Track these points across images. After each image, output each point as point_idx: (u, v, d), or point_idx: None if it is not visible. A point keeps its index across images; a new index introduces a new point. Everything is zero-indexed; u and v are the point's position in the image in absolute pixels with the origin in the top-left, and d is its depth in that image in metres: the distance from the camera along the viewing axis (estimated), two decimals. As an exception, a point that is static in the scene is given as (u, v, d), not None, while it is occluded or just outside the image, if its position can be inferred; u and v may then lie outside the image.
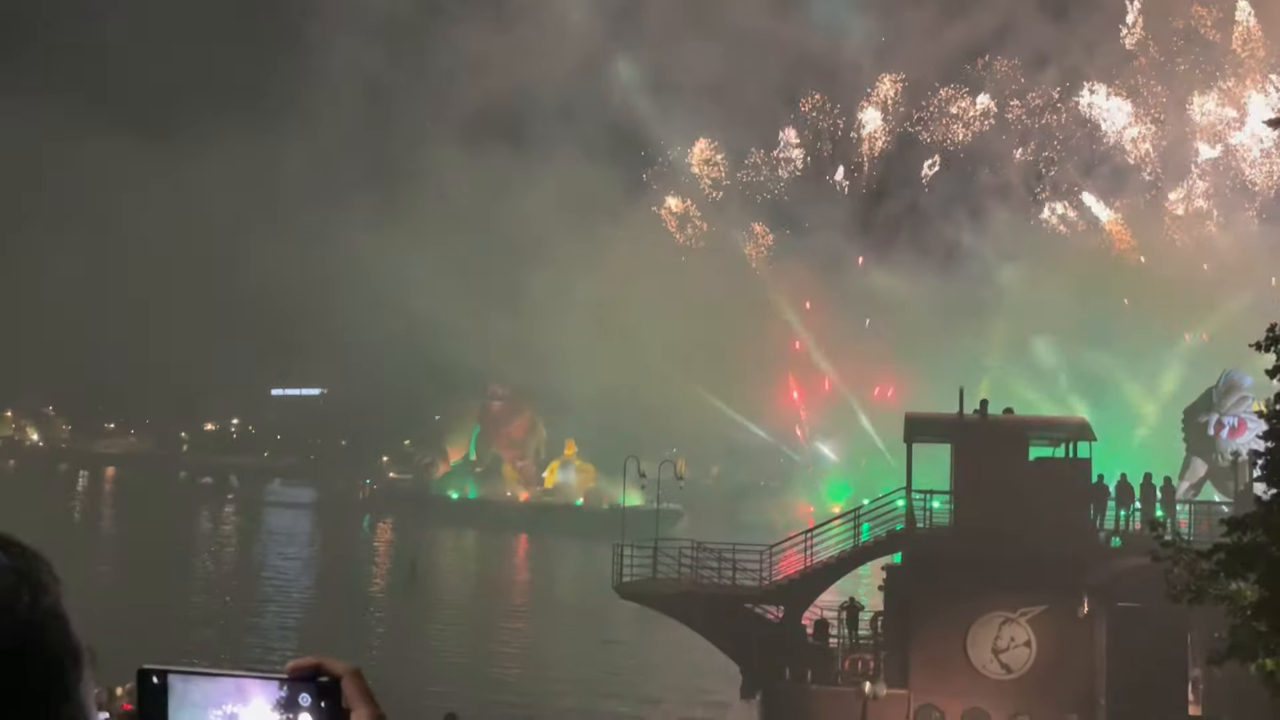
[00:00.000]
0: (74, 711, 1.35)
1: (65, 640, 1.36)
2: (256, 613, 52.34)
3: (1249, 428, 37.43)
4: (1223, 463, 37.91)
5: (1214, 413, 37.94)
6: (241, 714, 1.44)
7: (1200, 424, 38.27)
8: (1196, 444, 38.72)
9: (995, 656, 30.25)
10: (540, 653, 45.59)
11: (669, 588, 33.18)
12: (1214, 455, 38.21)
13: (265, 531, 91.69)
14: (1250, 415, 37.76)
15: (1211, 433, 37.99)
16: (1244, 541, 14.20)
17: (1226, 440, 37.80)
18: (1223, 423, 37.71)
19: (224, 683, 1.44)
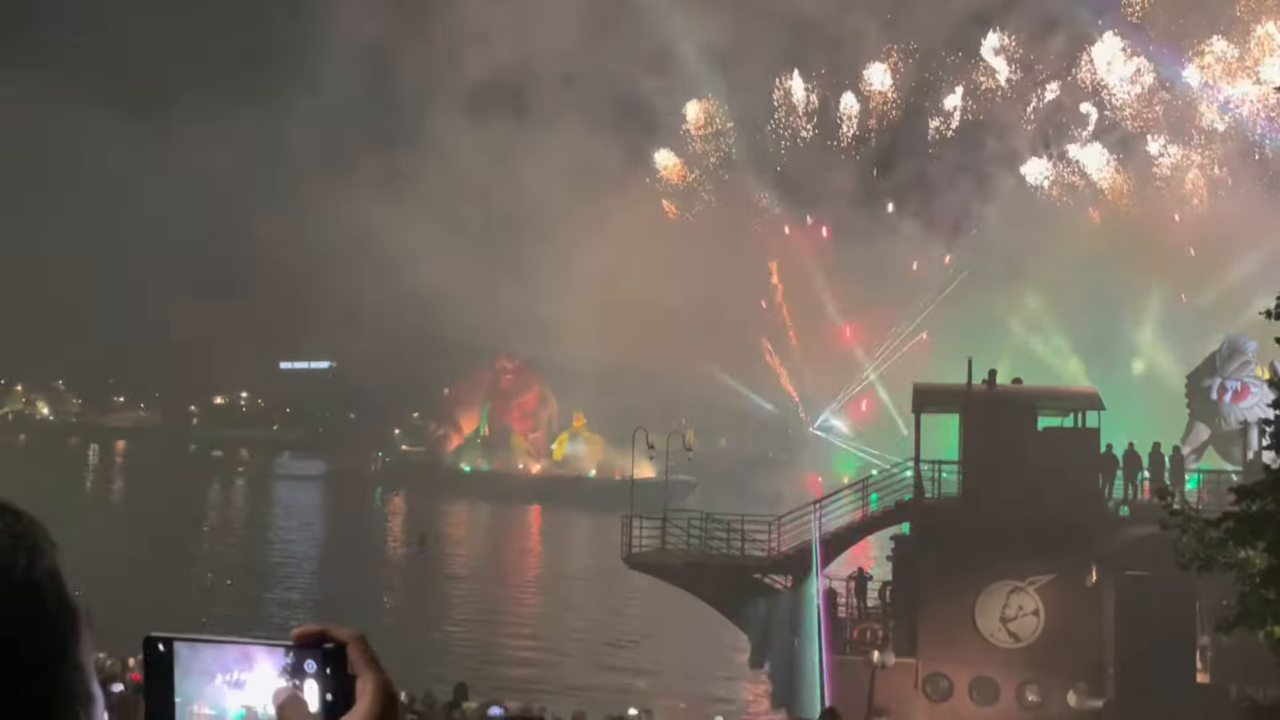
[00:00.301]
0: (73, 671, 1.36)
1: (63, 601, 1.37)
2: (267, 585, 52.68)
3: (1252, 392, 37.40)
4: (1225, 427, 37.88)
5: (1217, 377, 37.83)
6: (247, 681, 1.44)
7: (1203, 388, 38.20)
8: (1199, 409, 38.68)
9: (1003, 625, 30.36)
10: (550, 624, 45.85)
11: (678, 558, 33.32)
12: (1217, 420, 38.14)
13: (276, 504, 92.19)
14: (1254, 380, 37.70)
15: (1215, 397, 37.88)
16: (1253, 509, 14.20)
17: (1229, 405, 37.72)
18: (1225, 387, 37.60)
19: (230, 650, 1.44)
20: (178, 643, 1.45)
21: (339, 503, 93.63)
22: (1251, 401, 37.51)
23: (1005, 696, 30.08)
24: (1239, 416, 37.61)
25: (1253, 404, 37.48)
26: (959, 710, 29.93)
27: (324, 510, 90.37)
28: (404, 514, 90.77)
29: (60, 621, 1.36)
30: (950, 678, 30.33)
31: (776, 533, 33.30)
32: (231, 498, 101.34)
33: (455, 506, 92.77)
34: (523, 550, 74.79)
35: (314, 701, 1.42)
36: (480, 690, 25.68)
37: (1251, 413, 37.44)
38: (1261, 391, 37.24)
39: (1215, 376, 37.85)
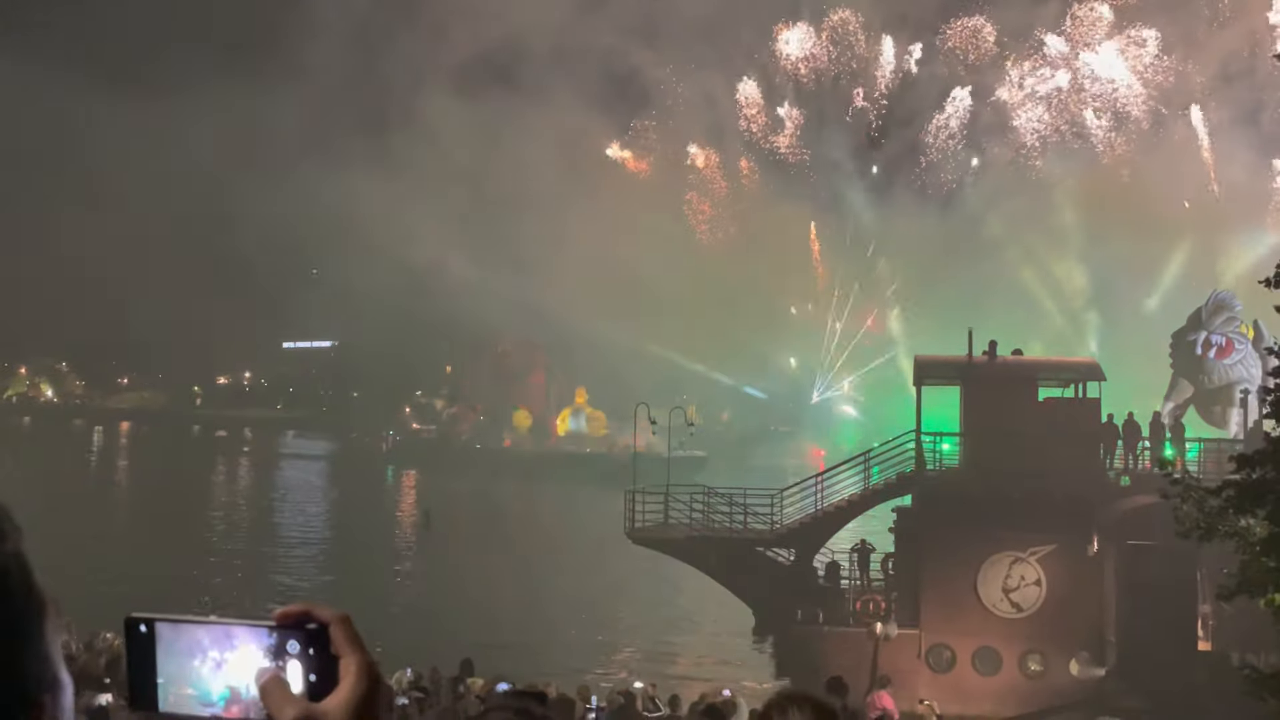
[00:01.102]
0: (38, 654, 1.36)
1: (27, 585, 1.36)
2: (271, 564, 52.81)
3: (1236, 349, 37.47)
4: (1208, 385, 37.93)
5: (1202, 330, 37.82)
6: (229, 661, 1.45)
7: (1188, 343, 38.24)
8: (1182, 365, 38.76)
9: (1006, 595, 30.46)
10: (556, 599, 45.96)
11: (680, 533, 33.41)
12: (1200, 377, 38.17)
13: (280, 484, 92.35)
14: (1238, 336, 37.72)
15: (1199, 352, 37.91)
16: (1253, 478, 14.21)
17: (1213, 360, 37.77)
18: (1211, 341, 37.63)
19: (212, 630, 1.45)
20: (159, 623, 1.46)
21: (345, 481, 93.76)
22: (1235, 359, 37.64)
23: (1008, 666, 30.22)
24: (1222, 374, 37.73)
25: (1236, 361, 37.64)
26: (962, 681, 30.07)
27: (329, 489, 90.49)
28: (414, 492, 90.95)
29: (26, 607, 1.34)
30: (953, 648, 30.46)
31: (779, 506, 33.40)
32: (236, 478, 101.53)
33: (466, 484, 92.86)
34: (530, 526, 74.78)
35: (297, 682, 1.43)
36: (485, 666, 25.79)
37: (1234, 370, 37.63)
38: (1246, 349, 37.46)
39: (1201, 330, 37.88)
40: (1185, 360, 38.69)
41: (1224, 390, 37.77)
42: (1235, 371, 37.76)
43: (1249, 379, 37.26)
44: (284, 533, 62.80)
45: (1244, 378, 37.41)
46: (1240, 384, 37.22)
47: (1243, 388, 36.49)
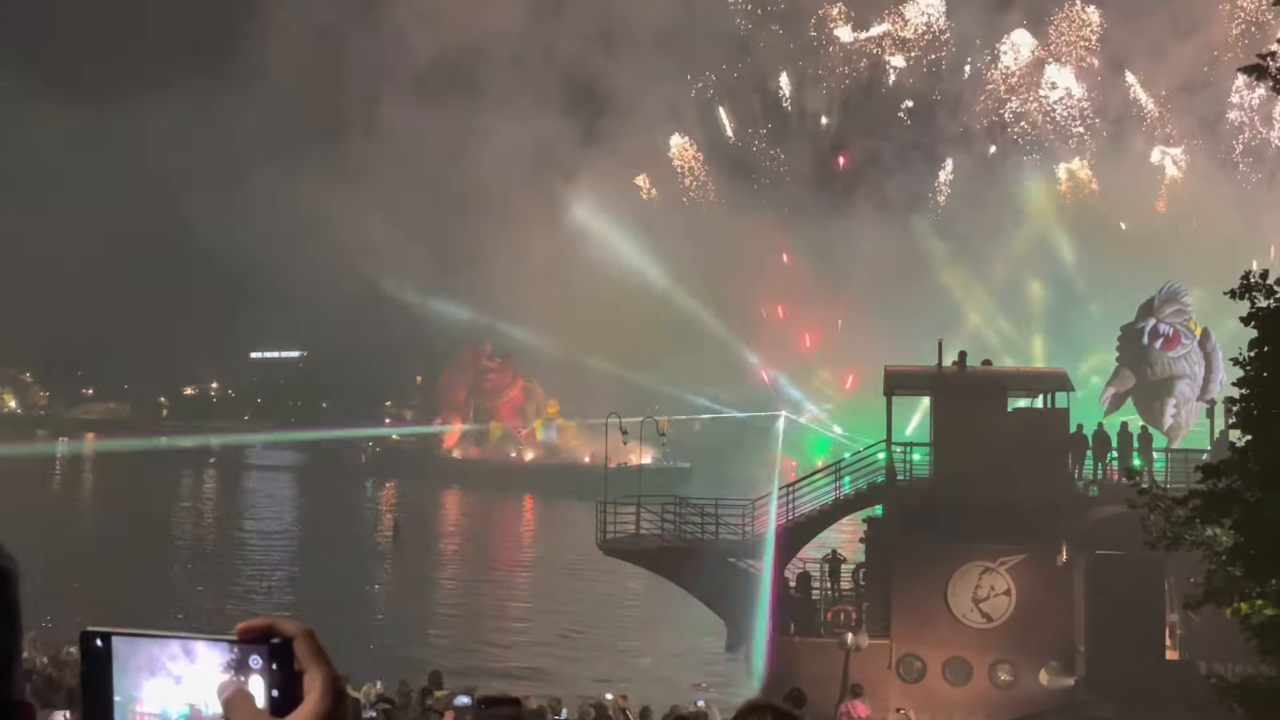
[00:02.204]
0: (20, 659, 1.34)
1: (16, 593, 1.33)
2: (237, 578, 52.33)
3: (1183, 342, 37.96)
4: (1150, 376, 38.37)
5: (1152, 318, 38.28)
6: (189, 677, 1.41)
7: (1136, 331, 38.73)
8: (1128, 354, 39.23)
9: (976, 605, 30.58)
10: (529, 610, 45.84)
11: (652, 543, 33.34)
12: (1144, 367, 38.62)
13: (249, 495, 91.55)
14: (1186, 330, 38.21)
15: (1146, 341, 38.39)
16: (1219, 488, 14.33)
17: (1158, 351, 38.24)
18: (1159, 330, 38.09)
19: (170, 645, 1.40)
20: (116, 637, 1.41)
21: (314, 493, 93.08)
22: (1179, 352, 38.14)
23: (978, 676, 30.32)
24: (1164, 366, 38.17)
25: (1180, 355, 38.14)
26: (932, 691, 30.15)
27: (297, 501, 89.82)
28: (389, 503, 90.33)
29: (17, 615, 1.33)
30: (923, 658, 30.54)
31: (750, 516, 33.41)
32: (203, 489, 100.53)
33: (445, 496, 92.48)
34: (506, 538, 74.65)
35: (260, 697, 1.39)
36: (456, 678, 25.65)
37: (1177, 364, 38.10)
38: (1191, 345, 38.03)
39: (1150, 318, 38.33)
40: (1131, 350, 39.16)
41: (1164, 383, 38.21)
42: (1178, 366, 38.28)
43: (1190, 376, 37.87)
44: (250, 545, 62.26)
45: (1185, 373, 38.00)
46: (1180, 378, 37.77)
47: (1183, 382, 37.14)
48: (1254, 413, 14.01)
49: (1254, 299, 14.21)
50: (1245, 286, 14.31)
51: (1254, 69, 15.34)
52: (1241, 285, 14.18)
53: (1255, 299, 14.21)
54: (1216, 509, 14.31)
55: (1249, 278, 14.32)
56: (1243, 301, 14.26)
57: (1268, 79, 15.30)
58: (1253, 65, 15.37)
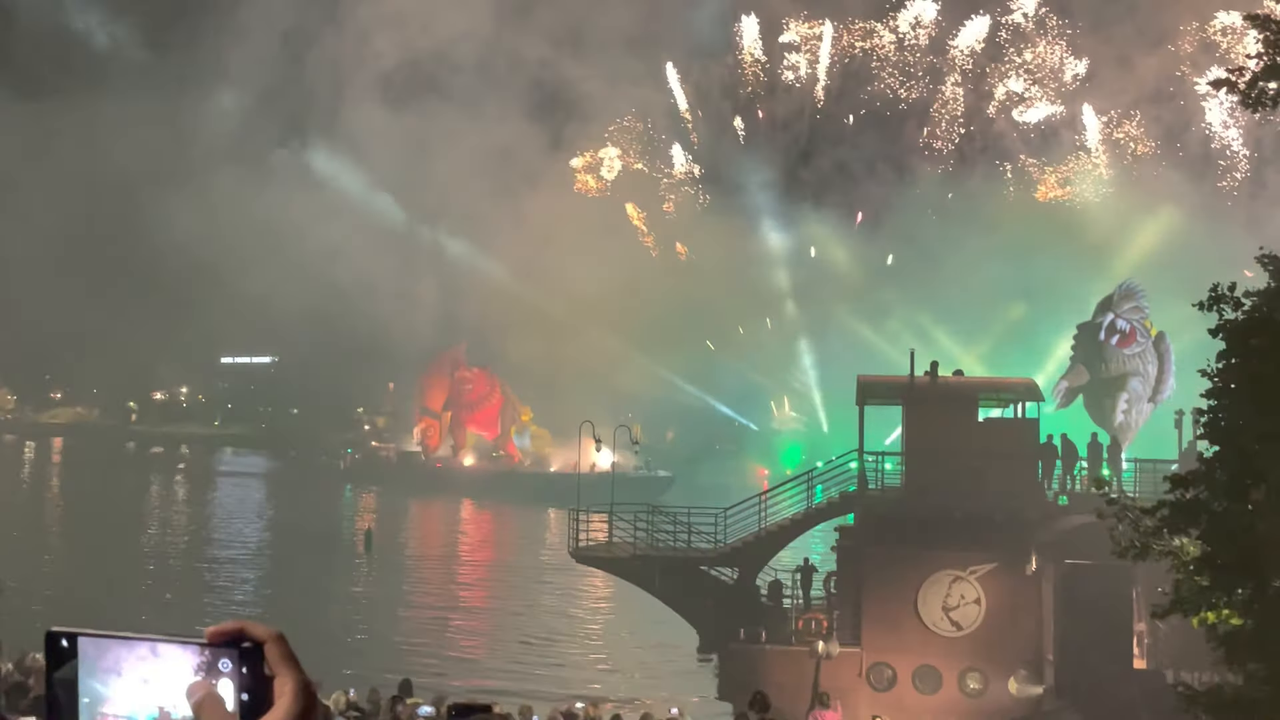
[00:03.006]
0: None
1: None
2: (207, 584, 51.90)
3: (1138, 340, 38.39)
4: (1104, 373, 38.74)
5: (1110, 313, 38.67)
6: (159, 679, 1.39)
7: (1094, 326, 39.16)
8: (1083, 349, 39.65)
9: (946, 614, 30.70)
10: (502, 618, 45.70)
11: (625, 551, 33.33)
12: (1099, 364, 38.99)
13: (218, 502, 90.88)
14: (1142, 328, 38.64)
15: (1103, 337, 38.76)
16: (1187, 498, 14.46)
17: (1114, 348, 38.63)
18: (1116, 326, 38.48)
19: (138, 646, 1.39)
20: (82, 638, 1.39)
21: (284, 500, 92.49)
22: (1135, 350, 38.56)
23: (948, 685, 30.44)
24: (1119, 363, 38.55)
25: (1134, 353, 38.56)
26: (902, 699, 30.24)
27: (268, 508, 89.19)
28: (363, 511, 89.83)
29: None
30: (893, 667, 30.64)
31: (723, 525, 33.45)
32: (172, 495, 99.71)
33: (423, 504, 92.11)
34: (481, 545, 74.46)
35: (229, 701, 1.38)
36: (428, 684, 25.52)
37: (1131, 362, 38.50)
38: (1146, 344, 38.50)
39: (1109, 313, 38.73)
40: (1086, 346, 39.54)
41: (1116, 380, 38.57)
42: (1132, 364, 38.69)
43: (1143, 375, 38.31)
44: (220, 552, 61.76)
45: (1138, 371, 38.41)
46: (1133, 376, 38.17)
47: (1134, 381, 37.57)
48: (1221, 424, 14.15)
49: (1221, 311, 14.36)
50: (1214, 299, 14.46)
51: (1223, 83, 15.51)
52: (1210, 297, 14.33)
53: (1223, 311, 14.37)
54: (1184, 519, 14.44)
55: (1217, 290, 14.47)
56: (1210, 313, 14.44)
57: (1237, 93, 15.46)
58: (1223, 80, 15.55)
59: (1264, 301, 14.15)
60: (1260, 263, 15.02)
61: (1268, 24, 15.11)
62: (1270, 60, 15.09)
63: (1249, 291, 14.68)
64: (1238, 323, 14.10)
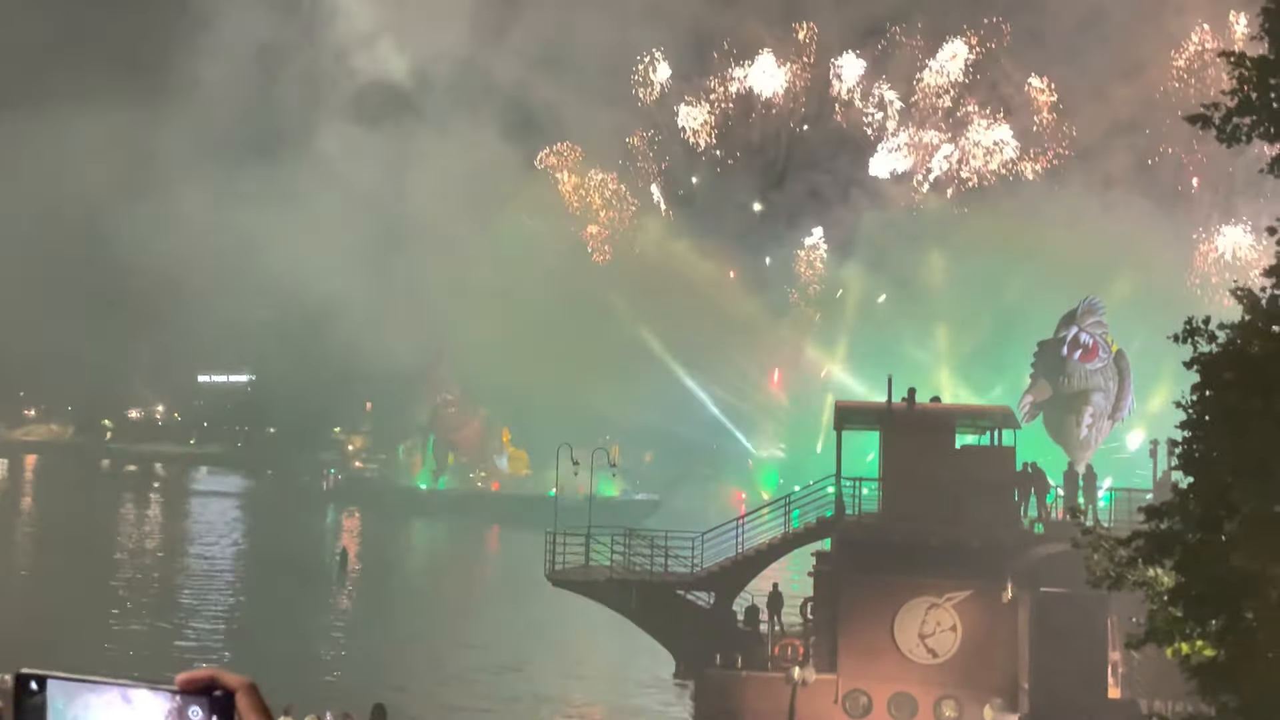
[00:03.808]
0: None
1: None
2: (178, 608, 51.34)
3: (1100, 355, 38.83)
4: (1065, 388, 39.06)
5: (1074, 326, 39.05)
6: None
7: (1056, 341, 39.52)
8: (1045, 363, 40.02)
9: (921, 641, 30.73)
10: (474, 642, 45.42)
11: (601, 575, 33.25)
12: (1060, 379, 39.29)
13: (193, 522, 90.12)
14: (1104, 343, 39.05)
15: (1065, 352, 39.11)
16: (1162, 529, 14.54)
17: (1076, 362, 38.97)
18: (1079, 340, 38.89)
19: (109, 692, 1.39)
20: (52, 681, 1.39)
21: (260, 520, 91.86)
22: (1096, 365, 39.03)
23: (923, 712, 30.44)
24: (1081, 378, 38.94)
25: (1096, 368, 39.00)
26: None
27: (243, 529, 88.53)
28: (345, 532, 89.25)
29: None
30: (869, 694, 30.62)
31: (700, 549, 33.41)
32: (146, 515, 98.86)
33: (407, 526, 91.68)
34: (460, 568, 74.12)
35: None
36: (401, 710, 25.39)
37: (1093, 378, 38.91)
38: (1108, 360, 38.94)
39: (1073, 326, 39.10)
40: (1048, 361, 39.87)
41: (1079, 395, 38.88)
42: (1094, 379, 39.09)
43: (1105, 390, 38.71)
44: (193, 574, 61.17)
45: (1100, 386, 38.83)
46: (1095, 391, 38.54)
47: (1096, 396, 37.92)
48: (1195, 455, 14.24)
49: (1196, 344, 14.48)
50: (1189, 331, 14.57)
51: (1199, 118, 15.68)
52: (1185, 330, 14.45)
53: (1197, 344, 14.48)
54: (1158, 550, 14.50)
55: (1192, 322, 14.59)
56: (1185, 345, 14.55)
57: (1212, 128, 15.63)
58: (1197, 115, 15.71)
59: (1237, 335, 14.27)
60: (1234, 296, 15.13)
61: (1242, 60, 15.30)
62: (1244, 96, 15.28)
63: (1223, 324, 14.81)
64: (1212, 355, 14.21)
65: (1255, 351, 13.89)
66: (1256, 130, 15.16)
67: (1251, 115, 15.10)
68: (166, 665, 32.89)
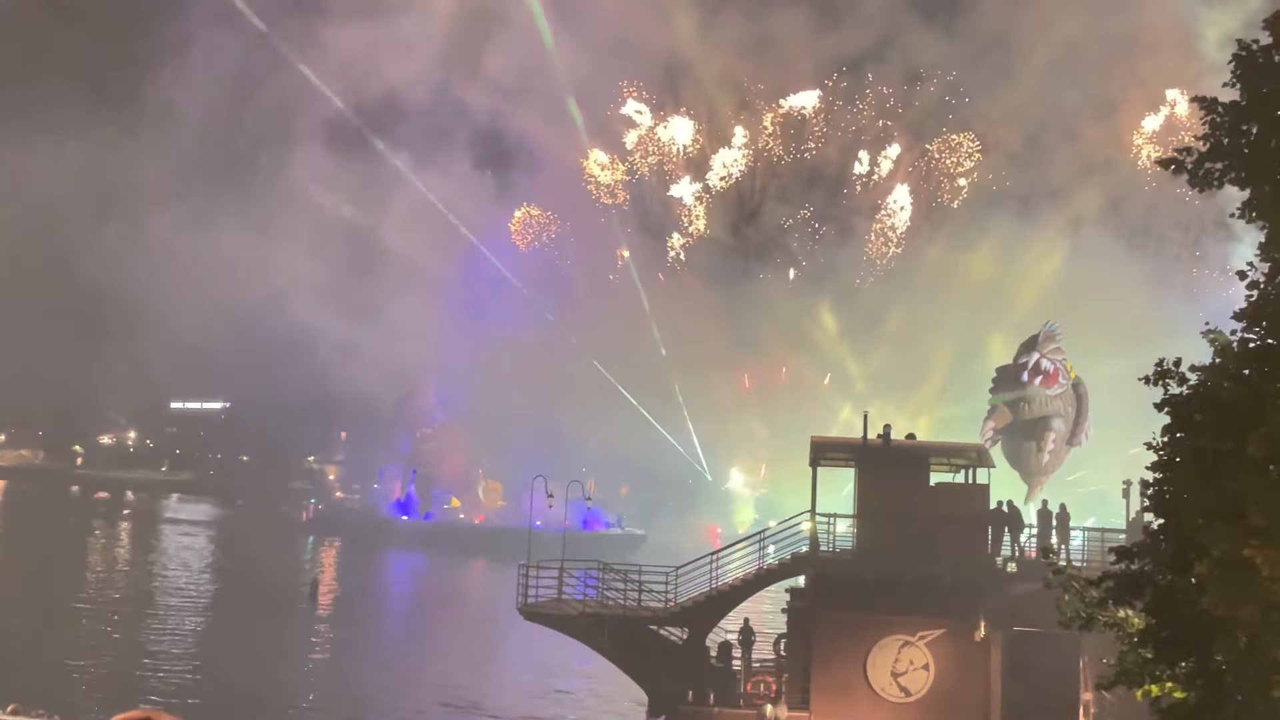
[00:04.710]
0: None
1: None
2: (139, 639, 50.61)
3: (1060, 381, 39.23)
4: (1025, 414, 39.29)
5: (1035, 352, 39.42)
6: None
7: (1017, 367, 39.85)
8: (1004, 391, 40.34)
9: (894, 679, 30.65)
10: (444, 675, 45.00)
11: (574, 609, 33.04)
12: (1020, 404, 39.57)
13: (161, 552, 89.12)
14: (1063, 369, 39.46)
15: (1025, 378, 39.39)
16: (1132, 570, 14.58)
17: (1037, 388, 39.27)
18: (1040, 366, 39.25)
19: None
20: None
21: (230, 550, 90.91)
22: (1056, 390, 39.41)
23: (895, 751, 30.29)
24: (1041, 403, 39.30)
25: (1056, 394, 39.39)
26: (850, 764, 30.06)
27: (213, 559, 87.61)
28: (321, 562, 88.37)
29: None
30: (842, 732, 30.47)
31: (674, 584, 33.26)
32: (115, 543, 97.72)
33: (386, 558, 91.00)
34: (437, 601, 73.58)
35: None
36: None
37: (1053, 403, 39.27)
38: (1067, 385, 39.36)
39: (1034, 352, 39.44)
40: (1007, 387, 40.15)
41: (1040, 421, 39.12)
42: (1053, 404, 39.41)
43: (1064, 415, 39.05)
44: (157, 605, 60.24)
45: (1059, 412, 39.15)
46: (1055, 416, 38.84)
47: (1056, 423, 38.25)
48: (1166, 497, 14.29)
49: (1167, 385, 14.57)
50: (1160, 373, 14.66)
51: (1171, 162, 15.84)
52: (1156, 372, 14.54)
53: (1168, 385, 14.57)
54: (1128, 591, 14.53)
55: (1162, 364, 14.68)
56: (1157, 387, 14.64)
57: (1185, 172, 15.79)
58: (1169, 159, 15.87)
59: (1207, 376, 14.37)
60: (1205, 337, 15.24)
61: (1214, 106, 15.49)
62: (1216, 141, 15.45)
63: (1194, 366, 14.92)
64: (1182, 397, 14.30)
65: (1226, 393, 13.97)
66: (1228, 176, 15.32)
67: (1223, 160, 15.27)
68: (122, 698, 32.42)
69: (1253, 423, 13.22)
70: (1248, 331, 14.80)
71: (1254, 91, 14.95)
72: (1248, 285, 15.25)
